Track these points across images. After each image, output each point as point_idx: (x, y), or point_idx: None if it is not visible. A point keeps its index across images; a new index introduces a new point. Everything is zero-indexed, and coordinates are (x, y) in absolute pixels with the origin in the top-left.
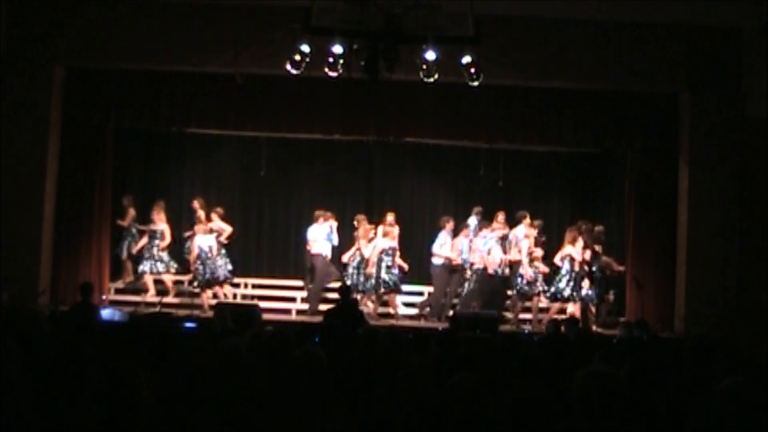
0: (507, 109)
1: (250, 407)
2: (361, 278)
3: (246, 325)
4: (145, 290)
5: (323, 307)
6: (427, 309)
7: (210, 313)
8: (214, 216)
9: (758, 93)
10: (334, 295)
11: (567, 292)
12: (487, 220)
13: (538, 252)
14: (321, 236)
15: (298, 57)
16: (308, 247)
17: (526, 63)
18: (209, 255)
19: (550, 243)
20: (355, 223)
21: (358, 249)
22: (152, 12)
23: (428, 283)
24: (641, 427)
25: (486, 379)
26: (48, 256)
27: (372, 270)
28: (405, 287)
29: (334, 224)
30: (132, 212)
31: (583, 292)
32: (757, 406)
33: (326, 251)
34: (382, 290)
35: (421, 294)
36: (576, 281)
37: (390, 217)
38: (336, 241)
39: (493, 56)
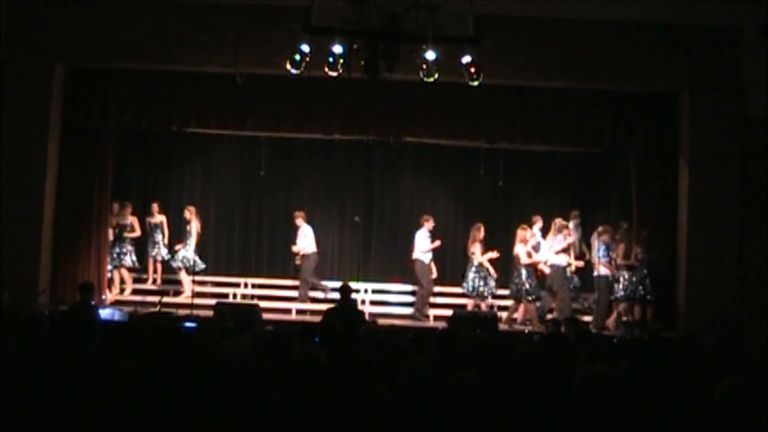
0: (507, 109)
1: (251, 407)
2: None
3: (246, 325)
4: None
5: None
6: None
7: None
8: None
9: (758, 93)
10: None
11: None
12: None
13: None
14: (422, 241)
15: (298, 57)
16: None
17: (526, 63)
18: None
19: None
20: (187, 213)
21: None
22: (152, 12)
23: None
24: (641, 427)
25: (486, 379)
26: (48, 256)
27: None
28: (402, 287)
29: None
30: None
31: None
32: (757, 406)
33: (424, 257)
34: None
35: (414, 294)
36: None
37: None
38: (426, 246)
39: (493, 56)
